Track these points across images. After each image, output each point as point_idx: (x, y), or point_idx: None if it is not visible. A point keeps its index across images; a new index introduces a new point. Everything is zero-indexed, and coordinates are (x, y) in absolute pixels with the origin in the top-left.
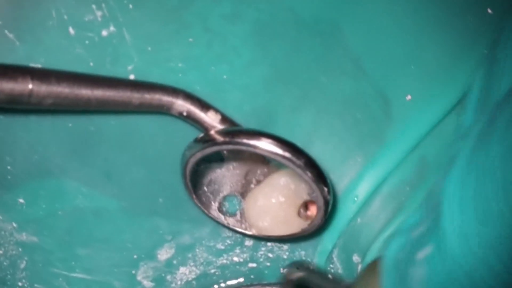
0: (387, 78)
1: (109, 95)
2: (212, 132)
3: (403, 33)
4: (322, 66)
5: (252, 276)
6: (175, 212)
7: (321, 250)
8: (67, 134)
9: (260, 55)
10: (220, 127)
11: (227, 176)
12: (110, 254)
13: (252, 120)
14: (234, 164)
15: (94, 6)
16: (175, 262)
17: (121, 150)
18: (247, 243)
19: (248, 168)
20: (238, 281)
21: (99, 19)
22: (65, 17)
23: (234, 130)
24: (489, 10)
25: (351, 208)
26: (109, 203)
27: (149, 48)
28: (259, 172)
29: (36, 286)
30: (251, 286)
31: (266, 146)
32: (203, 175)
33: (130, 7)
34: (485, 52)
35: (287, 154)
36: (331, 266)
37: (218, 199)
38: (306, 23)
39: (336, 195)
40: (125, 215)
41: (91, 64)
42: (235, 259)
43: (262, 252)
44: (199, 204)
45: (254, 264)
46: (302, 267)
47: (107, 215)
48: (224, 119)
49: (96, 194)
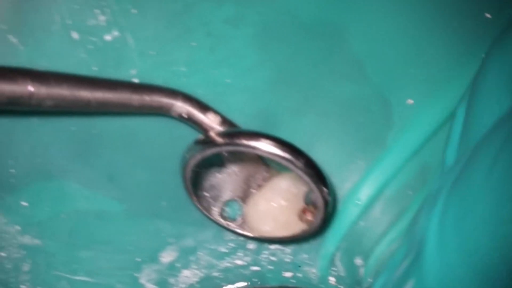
0: (389, 82)
1: (108, 97)
2: (212, 133)
3: (404, 37)
4: (324, 70)
5: (254, 280)
6: (178, 215)
7: (323, 253)
8: (69, 137)
9: (262, 59)
10: (220, 128)
11: (227, 181)
12: (112, 257)
13: (254, 123)
14: (234, 169)
15: (97, 11)
16: (178, 265)
17: (123, 152)
18: (250, 246)
19: (249, 172)
20: (241, 284)
21: (103, 23)
22: (68, 21)
23: (233, 132)
24: (487, 15)
25: (354, 211)
26: (111, 206)
27: (152, 53)
28: (259, 176)
29: None
30: None
31: (266, 147)
32: (204, 180)
33: (134, 11)
34: (484, 56)
35: (287, 155)
36: (333, 269)
37: (218, 205)
38: (308, 27)
39: (338, 198)
40: (127, 217)
41: (94, 69)
42: (238, 262)
43: (265, 255)
44: (199, 206)
45: (257, 268)
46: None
47: (109, 217)
48: (224, 120)
49: (98, 197)
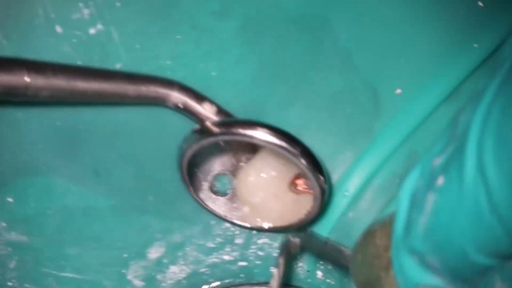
0: (377, 72)
1: (105, 87)
2: (208, 123)
3: (393, 27)
4: (311, 61)
5: (242, 275)
6: (165, 210)
7: None
8: (55, 132)
9: (248, 51)
10: (216, 118)
11: (217, 155)
12: (100, 253)
13: (242, 116)
14: (223, 143)
15: (81, 5)
16: (165, 261)
17: (110, 148)
18: (237, 241)
19: (238, 146)
20: (228, 280)
21: (87, 17)
22: (52, 15)
23: (229, 121)
24: (479, 3)
25: (342, 202)
26: (98, 202)
27: (137, 46)
28: (248, 149)
29: (26, 286)
30: (242, 285)
31: (262, 135)
32: (195, 156)
33: (118, 5)
34: (475, 46)
35: (283, 143)
36: (321, 263)
37: (208, 179)
38: (294, 18)
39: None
40: (114, 213)
41: (79, 63)
42: (225, 257)
43: (252, 250)
44: (196, 197)
45: (245, 263)
46: (303, 234)
47: (96, 213)
48: (220, 110)
49: (85, 193)
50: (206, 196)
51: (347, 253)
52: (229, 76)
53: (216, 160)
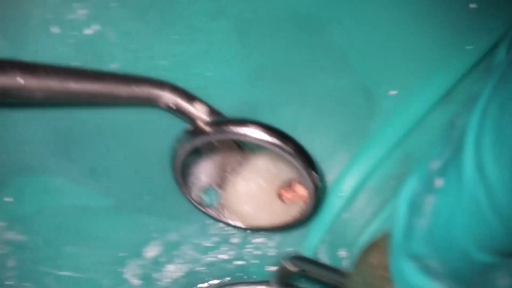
0: (371, 73)
1: (97, 88)
2: (200, 123)
3: (387, 28)
4: (306, 62)
5: (239, 274)
6: (161, 209)
7: (307, 246)
8: (52, 131)
9: (243, 51)
10: (208, 118)
11: (202, 167)
12: (97, 252)
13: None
14: (208, 155)
15: (77, 5)
16: (162, 260)
17: (106, 147)
18: (233, 240)
19: (223, 157)
20: (225, 279)
21: (82, 17)
22: (48, 16)
23: (221, 120)
24: (472, 5)
25: (337, 203)
26: (95, 201)
27: (133, 46)
28: (234, 161)
29: (25, 285)
30: (238, 284)
31: (254, 133)
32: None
33: (114, 5)
34: (468, 48)
35: (276, 141)
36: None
37: (196, 192)
38: (289, 18)
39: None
40: (111, 212)
41: (75, 63)
42: (222, 256)
43: (248, 249)
44: (189, 197)
45: (241, 262)
46: (299, 258)
47: (93, 212)
48: (211, 110)
49: (82, 192)
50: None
51: (343, 274)
52: (224, 76)
53: (201, 173)
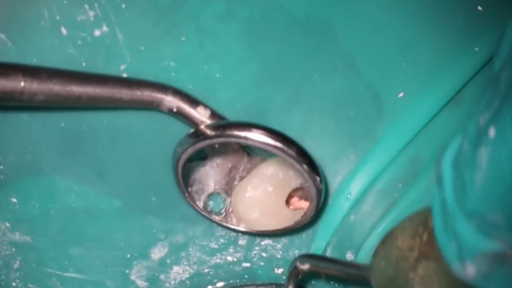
0: (379, 76)
1: (99, 91)
2: (203, 127)
3: (395, 30)
4: (314, 64)
5: (246, 276)
6: (168, 211)
7: (314, 248)
8: (59, 133)
9: (252, 54)
10: (210, 122)
11: (210, 174)
12: (103, 253)
13: (244, 118)
14: (217, 162)
15: (86, 6)
16: (168, 261)
17: (113, 148)
18: (240, 242)
19: (231, 165)
20: (231, 281)
21: (92, 19)
22: (57, 17)
23: (224, 123)
24: (479, 8)
25: (344, 205)
26: (101, 202)
27: (141, 48)
28: (242, 168)
29: (29, 286)
30: (245, 286)
31: (257, 137)
32: (188, 175)
33: (123, 6)
34: (476, 49)
35: (278, 144)
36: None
37: (202, 198)
38: (298, 21)
39: (329, 193)
40: (117, 213)
41: (83, 64)
42: (229, 258)
43: (256, 251)
44: (191, 202)
45: (248, 264)
46: (310, 256)
47: (99, 214)
48: (213, 114)
49: (88, 193)
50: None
51: (360, 267)
52: (232, 78)
53: (209, 180)
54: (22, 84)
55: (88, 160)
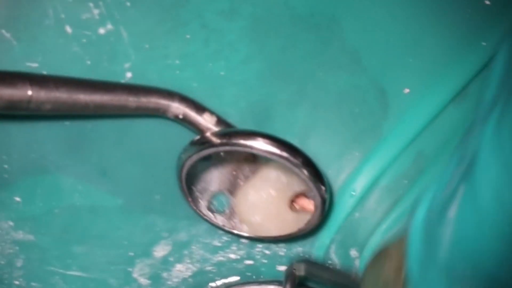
0: (385, 72)
1: (106, 99)
2: (208, 134)
3: (400, 26)
4: (319, 60)
5: (248, 274)
6: (171, 209)
7: (318, 246)
8: (63, 131)
9: (256, 51)
10: (216, 129)
11: (214, 173)
12: (106, 252)
13: (248, 116)
14: (221, 161)
15: (91, 4)
16: (171, 259)
17: (117, 147)
18: (243, 240)
19: (236, 164)
20: (234, 278)
21: (96, 17)
22: (62, 15)
23: (230, 131)
24: (486, 2)
25: (349, 202)
26: (105, 201)
27: (146, 46)
28: (247, 168)
29: (33, 284)
30: (248, 283)
31: (263, 146)
32: (193, 173)
33: (127, 4)
34: (483, 44)
35: (284, 154)
36: (328, 262)
37: (206, 197)
38: (302, 17)
39: (334, 190)
40: (121, 212)
41: (88, 63)
42: (232, 256)
43: (258, 249)
44: (194, 207)
45: (251, 261)
46: (307, 262)
47: (103, 212)
48: (220, 121)
49: (92, 192)
50: (208, 217)
51: (352, 276)
52: (237, 75)
53: (214, 178)
54: (30, 93)
55: (92, 159)
